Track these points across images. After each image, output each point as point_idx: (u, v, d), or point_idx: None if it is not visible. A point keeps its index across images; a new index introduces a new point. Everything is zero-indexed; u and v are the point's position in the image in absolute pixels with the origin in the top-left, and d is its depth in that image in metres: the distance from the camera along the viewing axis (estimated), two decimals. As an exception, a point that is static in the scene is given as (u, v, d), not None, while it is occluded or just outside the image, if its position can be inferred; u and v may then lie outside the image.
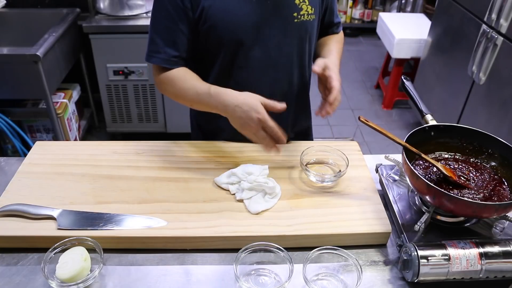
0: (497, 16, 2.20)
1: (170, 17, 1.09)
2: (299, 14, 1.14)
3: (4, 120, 2.38)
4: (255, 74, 1.18)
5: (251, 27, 1.11)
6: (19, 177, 1.09)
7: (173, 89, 1.15)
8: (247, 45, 1.13)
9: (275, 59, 1.17)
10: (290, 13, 1.13)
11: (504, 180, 1.00)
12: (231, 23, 1.10)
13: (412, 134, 1.01)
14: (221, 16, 1.09)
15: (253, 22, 1.11)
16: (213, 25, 1.10)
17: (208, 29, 1.11)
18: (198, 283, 0.89)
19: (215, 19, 1.09)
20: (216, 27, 1.10)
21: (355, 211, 1.02)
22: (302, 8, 1.13)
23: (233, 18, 1.09)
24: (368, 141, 3.12)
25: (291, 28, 1.15)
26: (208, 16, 1.09)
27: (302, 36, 1.18)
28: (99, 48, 2.55)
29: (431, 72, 3.04)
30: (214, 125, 1.30)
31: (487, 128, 1.80)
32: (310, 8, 1.15)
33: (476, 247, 0.86)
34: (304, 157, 1.14)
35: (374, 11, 4.64)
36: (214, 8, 1.08)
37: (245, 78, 1.18)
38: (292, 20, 1.13)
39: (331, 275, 0.91)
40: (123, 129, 2.91)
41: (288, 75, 1.22)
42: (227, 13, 1.09)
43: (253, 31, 1.12)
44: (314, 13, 1.17)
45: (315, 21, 1.20)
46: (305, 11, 1.14)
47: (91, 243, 0.89)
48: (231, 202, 1.04)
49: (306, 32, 1.18)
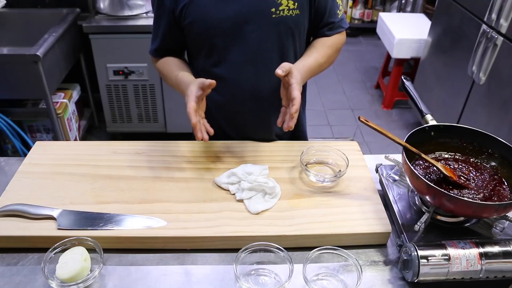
0: (497, 16, 2.20)
1: (156, 13, 1.22)
2: (278, 9, 1.13)
3: (4, 120, 2.38)
4: (235, 69, 1.20)
5: (228, 22, 1.13)
6: (19, 177, 1.09)
7: (162, 75, 1.31)
8: (226, 40, 1.16)
9: (254, 55, 1.18)
10: (267, 8, 1.12)
11: (504, 180, 1.00)
12: (210, 19, 1.13)
13: (412, 134, 1.01)
14: (200, 12, 1.13)
15: (230, 18, 1.12)
16: (193, 21, 1.15)
17: (189, 25, 1.16)
18: (198, 283, 0.89)
19: (195, 16, 1.14)
20: (195, 23, 1.15)
21: (355, 211, 1.02)
22: (281, 4, 1.12)
23: (211, 14, 1.12)
24: (368, 141, 3.12)
25: (269, 24, 1.14)
26: (188, 12, 1.14)
27: (282, 32, 1.16)
28: (99, 48, 2.55)
29: (431, 72, 3.04)
30: (215, 126, 1.31)
31: (487, 128, 1.80)
32: (292, 3, 1.13)
33: (476, 247, 0.86)
34: (304, 157, 1.14)
35: (374, 11, 4.64)
36: (194, 5, 1.13)
37: (226, 73, 1.20)
38: (270, 15, 1.13)
39: (331, 275, 0.91)
40: (123, 129, 2.91)
41: (268, 70, 1.17)
42: (205, 9, 1.12)
43: (231, 26, 1.14)
44: (297, 8, 1.14)
45: (301, 16, 1.17)
46: (285, 6, 1.13)
47: (91, 243, 0.89)
48: (231, 202, 1.04)
49: (286, 27, 1.16)
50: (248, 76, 1.20)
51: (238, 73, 1.20)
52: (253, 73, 1.20)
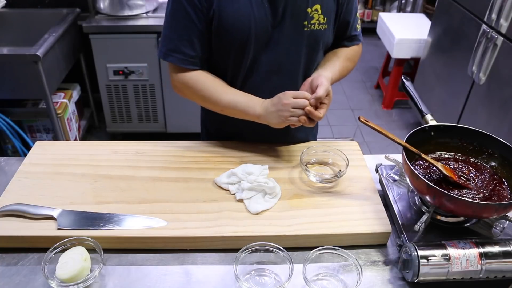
0: (497, 16, 2.20)
1: (188, 16, 1.09)
2: (310, 23, 1.12)
3: (4, 120, 2.38)
4: (261, 78, 1.18)
5: (260, 31, 1.10)
6: (19, 177, 1.09)
7: (199, 92, 1.16)
8: (256, 49, 1.13)
9: (281, 66, 1.16)
10: (300, 21, 1.12)
11: (504, 180, 1.00)
12: (242, 26, 1.09)
13: (412, 134, 1.01)
14: (232, 18, 1.08)
15: (262, 27, 1.10)
16: (224, 26, 1.09)
17: (218, 31, 1.11)
18: (198, 283, 0.89)
19: (226, 21, 1.09)
20: (226, 29, 1.10)
21: (355, 211, 1.02)
22: (313, 17, 1.12)
23: (244, 21, 1.08)
24: (368, 141, 3.12)
25: (300, 36, 1.14)
26: (219, 17, 1.09)
27: (311, 45, 1.16)
28: (99, 48, 2.55)
29: (431, 72, 3.04)
30: (224, 133, 1.31)
31: (487, 128, 1.81)
32: (322, 17, 1.13)
33: (476, 247, 0.86)
34: (304, 157, 1.14)
35: (374, 11, 4.64)
36: (226, 10, 1.08)
37: (251, 82, 1.18)
38: (301, 28, 1.12)
39: (331, 275, 0.91)
40: (123, 129, 2.91)
41: (293, 82, 1.20)
42: (238, 16, 1.08)
43: (262, 36, 1.11)
44: (326, 23, 1.15)
45: (328, 31, 1.17)
46: (316, 20, 1.13)
47: (91, 243, 0.89)
48: (231, 202, 1.04)
49: (315, 41, 1.16)
50: (273, 85, 1.17)
51: (263, 82, 1.18)
52: (278, 84, 1.17)
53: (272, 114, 1.08)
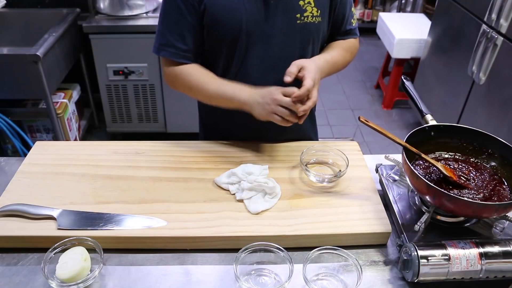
0: (497, 16, 2.20)
1: (179, 10, 1.11)
2: (302, 15, 1.13)
3: (4, 120, 2.38)
4: (256, 73, 1.18)
5: (252, 25, 1.11)
6: (19, 177, 1.09)
7: (188, 83, 1.17)
8: (248, 43, 1.13)
9: (276, 60, 1.17)
10: (293, 14, 1.12)
11: (504, 180, 1.00)
12: (233, 20, 1.09)
13: (412, 134, 1.01)
14: (224, 12, 1.09)
15: (255, 21, 1.10)
16: (215, 20, 1.10)
17: (210, 25, 1.12)
18: (198, 283, 0.89)
19: (217, 15, 1.09)
20: (217, 23, 1.11)
21: (355, 211, 1.02)
22: (306, 10, 1.12)
23: (236, 15, 1.09)
24: (368, 141, 3.12)
25: (294, 29, 1.14)
26: (210, 11, 1.09)
27: (305, 38, 1.17)
28: (99, 48, 2.55)
29: (431, 72, 3.04)
30: (221, 130, 1.30)
31: (487, 128, 1.81)
32: (315, 10, 1.14)
33: (476, 247, 0.86)
34: (304, 157, 1.14)
35: (374, 11, 4.64)
36: (217, 4, 1.09)
37: (246, 77, 1.18)
38: (294, 21, 1.13)
39: (331, 275, 0.91)
40: (123, 129, 2.91)
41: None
42: (229, 9, 1.09)
43: (254, 29, 1.11)
44: (320, 16, 1.15)
45: (322, 24, 1.17)
46: (310, 13, 1.13)
47: (91, 243, 0.89)
48: (231, 202, 1.04)
49: (309, 34, 1.16)
50: (269, 80, 1.16)
51: (258, 77, 1.18)
52: (273, 78, 1.17)
53: (258, 105, 1.08)
